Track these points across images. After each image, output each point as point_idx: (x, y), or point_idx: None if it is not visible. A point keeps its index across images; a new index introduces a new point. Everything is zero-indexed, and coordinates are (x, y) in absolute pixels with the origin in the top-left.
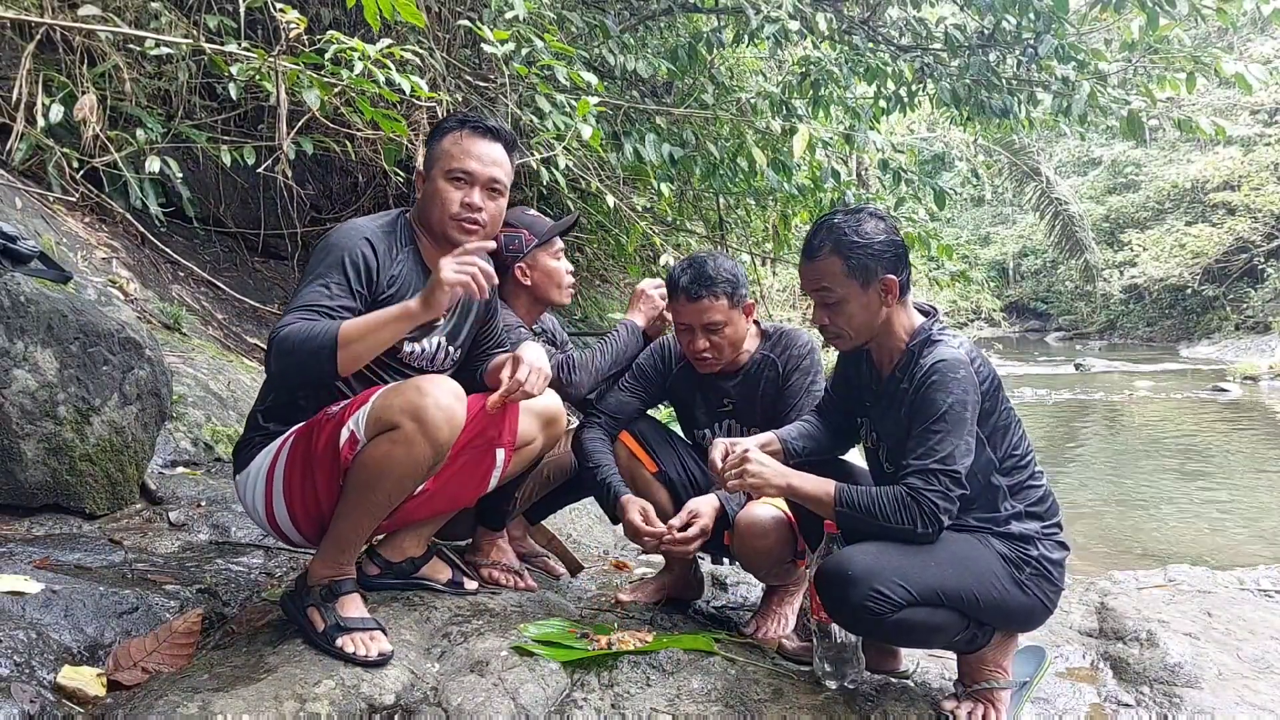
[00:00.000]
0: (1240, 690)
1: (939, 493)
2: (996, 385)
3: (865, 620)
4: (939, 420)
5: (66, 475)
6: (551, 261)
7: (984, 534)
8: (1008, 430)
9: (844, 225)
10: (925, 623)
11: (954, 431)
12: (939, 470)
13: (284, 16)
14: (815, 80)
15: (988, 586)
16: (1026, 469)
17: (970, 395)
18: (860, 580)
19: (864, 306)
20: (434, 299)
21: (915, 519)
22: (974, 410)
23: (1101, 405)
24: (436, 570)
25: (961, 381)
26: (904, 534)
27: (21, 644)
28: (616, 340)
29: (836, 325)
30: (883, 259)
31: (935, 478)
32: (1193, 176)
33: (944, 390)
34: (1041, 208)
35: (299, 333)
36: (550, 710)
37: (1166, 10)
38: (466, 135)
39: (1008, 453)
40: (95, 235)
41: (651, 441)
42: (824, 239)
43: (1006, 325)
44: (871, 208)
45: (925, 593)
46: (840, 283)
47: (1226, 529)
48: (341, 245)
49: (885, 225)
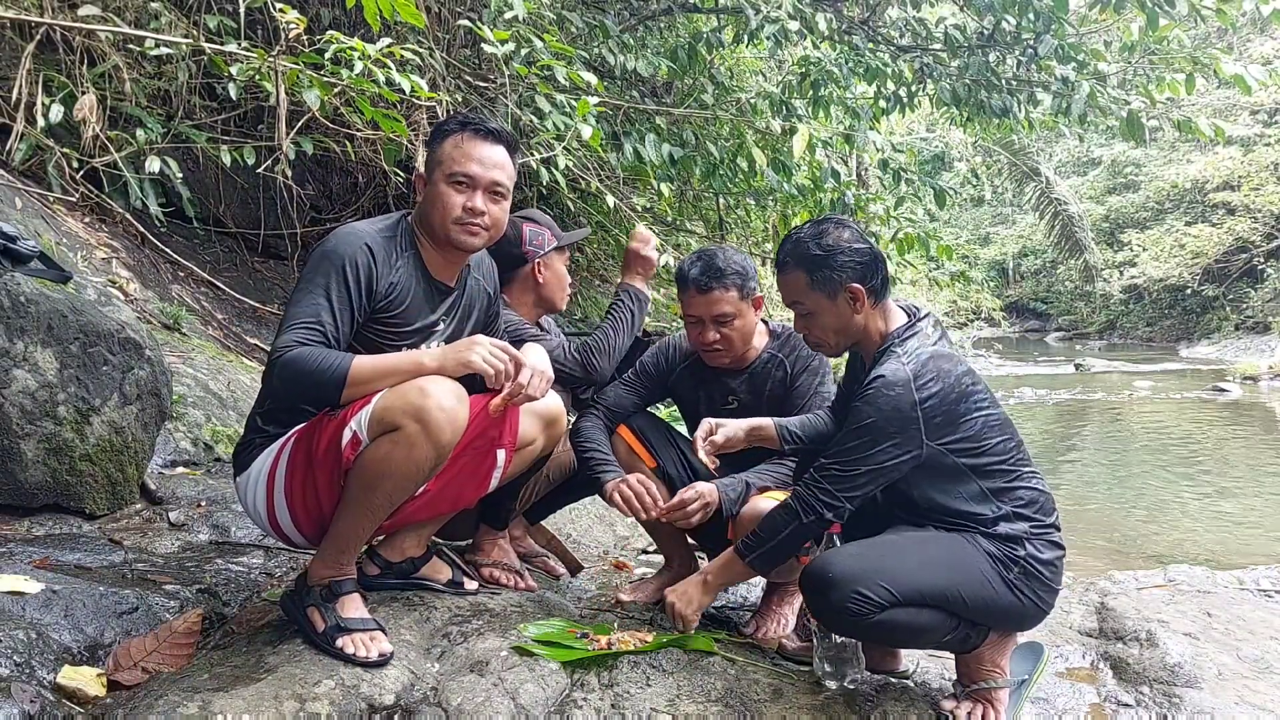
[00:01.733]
0: (1240, 690)
1: (823, 489)
2: (957, 398)
3: (848, 622)
4: (857, 430)
5: (66, 475)
6: (562, 266)
7: (972, 534)
8: (981, 436)
9: (807, 239)
10: (910, 623)
11: (866, 445)
12: (835, 471)
13: (284, 16)
14: (815, 80)
15: (975, 586)
16: (1012, 471)
17: (897, 415)
18: (841, 583)
19: (835, 315)
20: (450, 367)
21: (797, 515)
22: (902, 427)
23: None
24: (436, 570)
25: (893, 399)
26: (798, 533)
27: (21, 644)
28: (623, 312)
29: (814, 335)
30: (847, 269)
31: (826, 476)
32: (1193, 176)
33: (871, 405)
34: (1041, 208)
35: (309, 361)
36: (550, 710)
37: (1166, 11)
38: (468, 138)
39: (981, 458)
40: (95, 235)
41: (650, 437)
42: (788, 254)
43: (1006, 325)
44: (836, 217)
45: (908, 593)
46: (808, 295)
47: (1226, 529)
48: (341, 252)
49: (849, 234)
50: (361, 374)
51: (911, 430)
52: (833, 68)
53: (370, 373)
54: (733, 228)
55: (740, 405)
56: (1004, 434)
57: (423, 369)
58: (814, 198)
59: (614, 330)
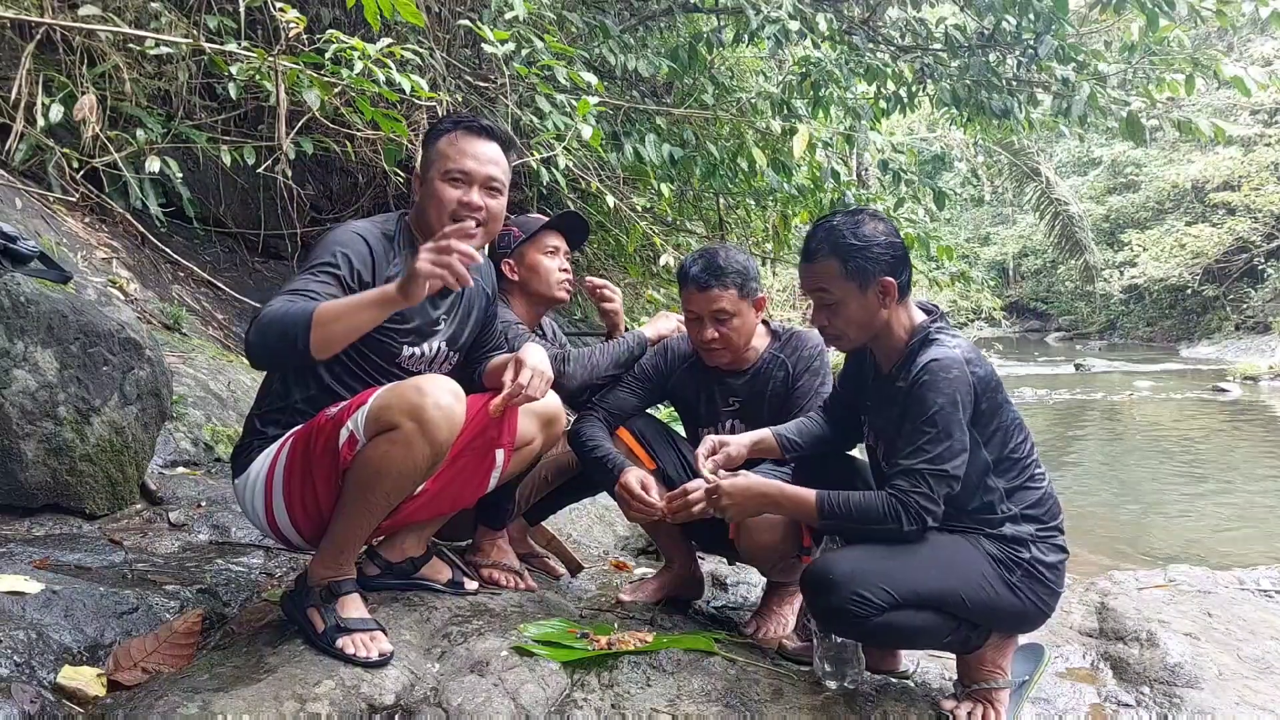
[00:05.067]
0: (1240, 690)
1: (924, 494)
2: (996, 386)
3: (848, 623)
4: (929, 421)
5: (66, 475)
6: (540, 257)
7: (975, 535)
8: (1007, 432)
9: (842, 227)
10: (910, 625)
11: (944, 432)
12: (926, 471)
13: (284, 16)
14: (815, 80)
15: (976, 588)
16: (1026, 471)
17: (962, 396)
18: (842, 584)
19: (862, 308)
20: (409, 289)
21: (900, 520)
22: (966, 411)
23: (1101, 405)
24: (436, 570)
25: (954, 382)
26: (890, 535)
27: (21, 644)
28: (619, 345)
29: (835, 326)
30: (881, 261)
31: (922, 479)
32: (1193, 177)
33: (935, 390)
34: (1041, 208)
35: (276, 311)
36: (550, 710)
37: (1166, 11)
38: (461, 135)
39: (1006, 454)
40: (95, 235)
41: (650, 439)
42: (822, 241)
43: (1006, 325)
44: (871, 209)
45: (909, 595)
46: (838, 285)
47: (1226, 529)
48: (337, 240)
49: (884, 227)
50: (327, 313)
51: (966, 413)
52: (833, 68)
53: (337, 310)
54: (733, 228)
55: (741, 406)
56: (1023, 432)
57: (387, 296)
58: (814, 198)
59: (602, 351)
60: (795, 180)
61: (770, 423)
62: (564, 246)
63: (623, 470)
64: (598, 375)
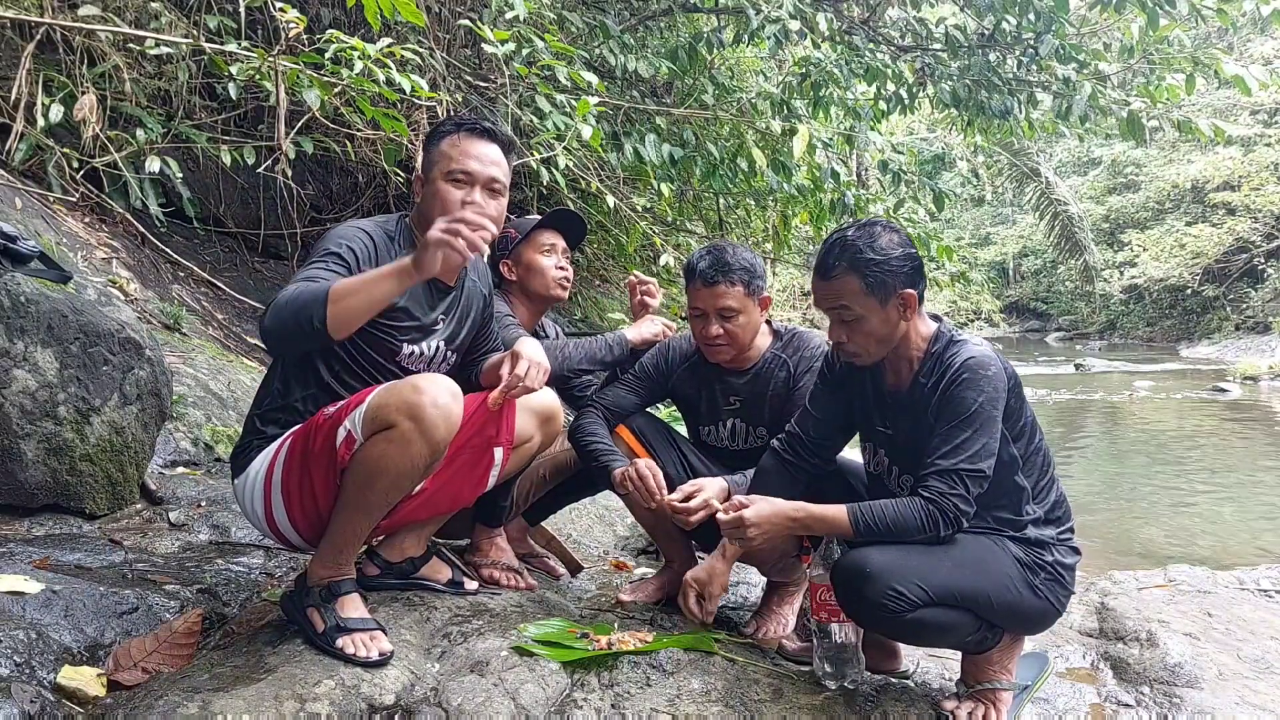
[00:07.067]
0: (1240, 690)
1: (960, 495)
2: (1019, 383)
3: (881, 617)
4: (968, 419)
5: (66, 475)
6: (536, 255)
7: (1001, 537)
8: (1031, 430)
9: (859, 241)
10: (939, 622)
11: (982, 431)
12: (966, 470)
13: (284, 16)
14: (815, 81)
15: (1002, 589)
16: (1046, 471)
17: (1000, 394)
18: (878, 577)
19: (884, 322)
20: (423, 260)
21: (938, 525)
22: (1001, 409)
23: (1102, 405)
24: (436, 570)
25: (992, 379)
26: (930, 540)
27: (21, 644)
28: (597, 342)
29: (855, 343)
30: (900, 274)
31: (959, 479)
32: (1193, 177)
33: (974, 388)
34: (1041, 208)
35: (291, 293)
36: (550, 710)
37: (1166, 11)
38: (464, 137)
39: (1030, 452)
40: (95, 235)
41: (651, 438)
42: (839, 256)
43: (1006, 325)
44: (883, 220)
45: (941, 593)
46: (859, 301)
47: (1226, 529)
48: (341, 235)
49: (899, 238)
50: (343, 288)
51: (1001, 411)
52: (833, 68)
53: (353, 284)
54: (733, 228)
55: (742, 405)
56: (1040, 432)
57: (402, 268)
58: (814, 198)
59: (577, 345)
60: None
61: (771, 422)
62: (561, 244)
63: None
64: (569, 367)
